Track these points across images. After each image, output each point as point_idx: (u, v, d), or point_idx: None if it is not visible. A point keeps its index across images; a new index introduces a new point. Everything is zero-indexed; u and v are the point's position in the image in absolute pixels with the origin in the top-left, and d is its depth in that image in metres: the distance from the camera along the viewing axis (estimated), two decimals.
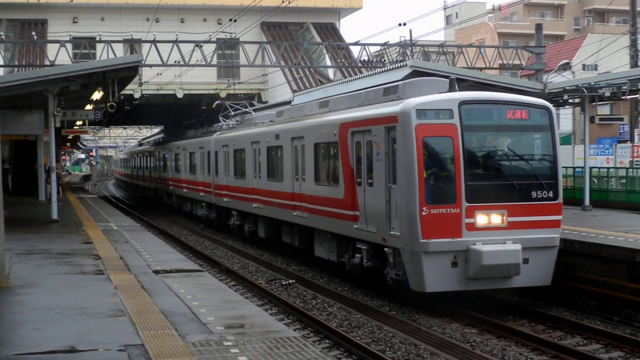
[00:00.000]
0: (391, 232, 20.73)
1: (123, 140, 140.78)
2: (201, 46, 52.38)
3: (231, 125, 45.14)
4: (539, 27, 54.43)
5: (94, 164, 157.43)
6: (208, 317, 15.33)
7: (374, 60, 66.71)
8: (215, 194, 44.11)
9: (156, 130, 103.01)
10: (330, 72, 65.68)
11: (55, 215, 37.34)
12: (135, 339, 13.24)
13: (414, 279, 19.65)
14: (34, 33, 64.73)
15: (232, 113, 50.74)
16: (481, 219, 19.47)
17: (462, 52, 60.50)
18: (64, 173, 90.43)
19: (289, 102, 46.93)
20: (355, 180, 23.51)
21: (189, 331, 14.01)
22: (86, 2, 71.58)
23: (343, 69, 65.12)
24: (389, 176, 20.90)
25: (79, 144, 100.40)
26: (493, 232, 19.54)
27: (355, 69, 63.23)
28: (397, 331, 19.96)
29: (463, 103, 20.04)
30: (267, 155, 33.03)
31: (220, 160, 42.47)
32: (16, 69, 57.81)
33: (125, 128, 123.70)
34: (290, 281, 27.65)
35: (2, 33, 58.14)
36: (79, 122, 47.73)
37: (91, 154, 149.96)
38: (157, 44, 51.88)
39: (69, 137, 61.70)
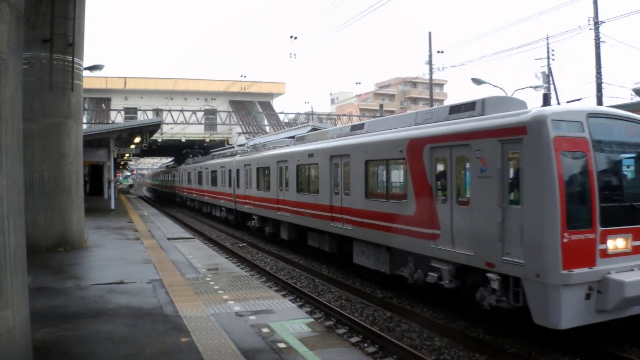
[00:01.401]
0: (506, 258, 11.29)
1: (151, 165, 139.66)
2: (195, 113, 53.01)
3: (248, 151, 35.33)
4: (381, 106, 56.47)
5: (135, 178, 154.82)
6: (197, 264, 15.31)
7: (291, 121, 67.60)
8: (236, 202, 33.67)
9: (170, 159, 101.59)
10: (267, 128, 66.53)
11: (113, 207, 37.01)
12: (156, 276, 13.23)
13: (542, 313, 10.65)
14: (103, 105, 66.86)
15: (246, 143, 41.79)
16: (611, 244, 11.13)
17: (340, 119, 62.16)
18: (118, 183, 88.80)
19: (244, 145, 46.16)
20: (436, 198, 13.60)
21: (186, 272, 14.02)
22: (132, 88, 73.49)
23: (274, 126, 66.06)
24: (503, 195, 11.69)
25: (127, 166, 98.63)
26: (621, 259, 11.13)
27: (281, 126, 64.15)
28: (303, 272, 19.99)
29: (590, 115, 11.42)
30: (296, 172, 23.03)
31: (241, 176, 32.16)
32: (92, 125, 57.63)
33: (152, 158, 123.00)
34: (244, 244, 27.49)
35: (85, 105, 57.58)
36: (126, 155, 47.07)
37: (133, 172, 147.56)
38: (171, 112, 52.33)
39: (121, 163, 60.94)
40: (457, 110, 14.13)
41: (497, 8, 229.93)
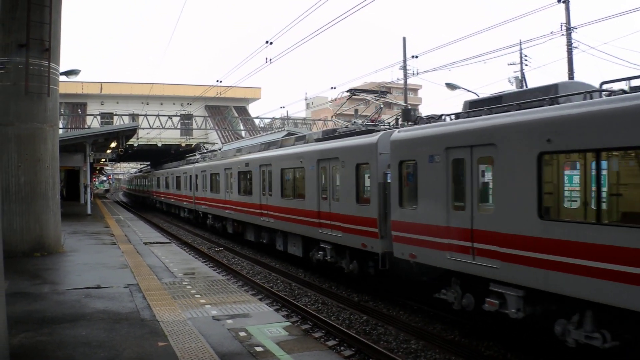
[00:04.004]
0: None
1: (127, 170, 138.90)
2: (171, 117, 52.71)
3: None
4: (356, 110, 55.84)
5: (111, 182, 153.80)
6: (174, 269, 15.25)
7: (267, 126, 67.54)
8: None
9: (146, 163, 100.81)
10: (243, 133, 66.47)
11: (89, 211, 36.71)
12: (133, 281, 13.15)
13: None
14: (79, 110, 66.62)
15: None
16: None
17: (315, 123, 62.46)
18: (95, 188, 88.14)
19: (219, 149, 45.63)
20: None
21: (163, 276, 13.95)
22: (108, 93, 72.28)
23: (250, 131, 66.06)
24: None
25: (103, 171, 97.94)
26: None
27: (257, 131, 64.12)
28: (279, 275, 19.94)
29: None
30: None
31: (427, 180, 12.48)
32: (69, 130, 57.15)
33: (129, 163, 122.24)
34: (220, 249, 27.40)
35: (62, 110, 57.11)
36: (103, 159, 46.82)
37: (109, 177, 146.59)
38: (147, 116, 52.05)
39: (97, 168, 60.59)
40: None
41: (471, 14, 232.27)
